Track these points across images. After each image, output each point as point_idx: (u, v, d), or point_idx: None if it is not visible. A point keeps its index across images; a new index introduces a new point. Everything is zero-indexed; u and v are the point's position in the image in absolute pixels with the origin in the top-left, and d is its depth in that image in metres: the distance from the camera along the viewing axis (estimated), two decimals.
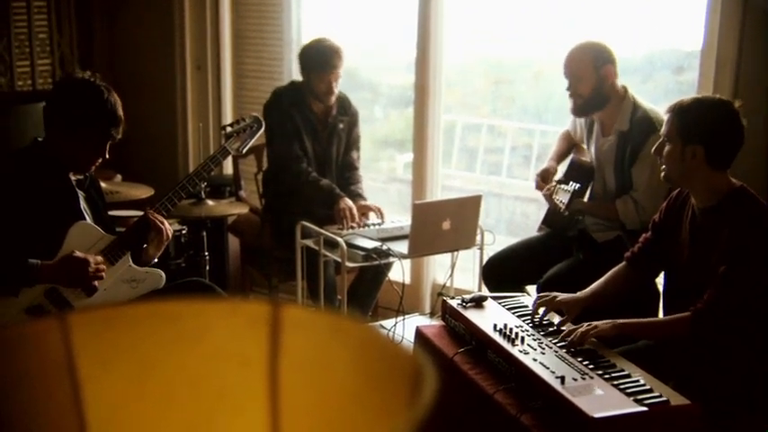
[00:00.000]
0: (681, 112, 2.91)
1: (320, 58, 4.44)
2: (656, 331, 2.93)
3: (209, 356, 0.91)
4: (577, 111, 3.88)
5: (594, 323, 2.87)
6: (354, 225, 4.31)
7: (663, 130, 3.00)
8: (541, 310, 3.09)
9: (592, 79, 3.75)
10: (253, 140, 3.66)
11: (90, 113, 3.06)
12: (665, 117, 3.01)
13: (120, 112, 3.12)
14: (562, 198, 3.70)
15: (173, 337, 0.90)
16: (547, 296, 3.11)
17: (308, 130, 4.57)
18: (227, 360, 0.91)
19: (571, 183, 3.70)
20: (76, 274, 2.97)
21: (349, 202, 4.41)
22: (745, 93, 3.82)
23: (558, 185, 3.78)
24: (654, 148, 3.05)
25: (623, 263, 3.24)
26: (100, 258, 3.04)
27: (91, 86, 3.13)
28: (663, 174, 3.04)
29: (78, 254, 2.97)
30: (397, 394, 0.80)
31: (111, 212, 3.56)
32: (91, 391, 0.88)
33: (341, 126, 4.66)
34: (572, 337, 2.83)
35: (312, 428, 0.90)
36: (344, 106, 4.70)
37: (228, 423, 0.91)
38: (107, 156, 3.14)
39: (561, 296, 3.11)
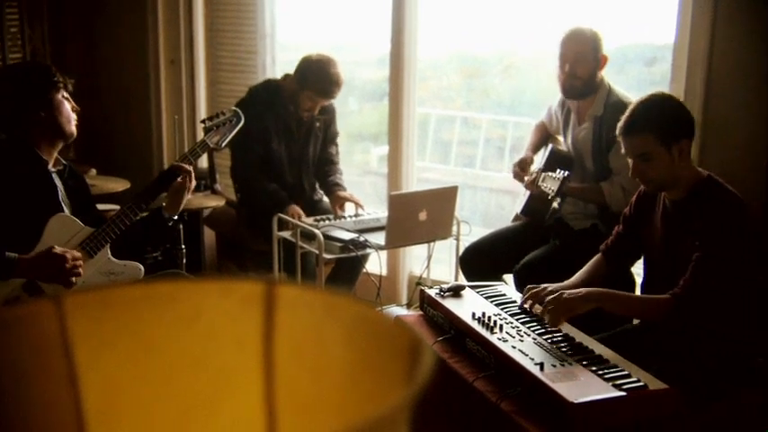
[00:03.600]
0: (651, 123, 2.88)
1: (322, 84, 4.44)
2: (634, 307, 2.96)
3: (204, 337, 0.91)
4: (573, 93, 3.89)
5: (561, 290, 2.91)
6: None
7: (636, 152, 2.93)
8: (528, 304, 3.11)
9: (591, 64, 3.81)
10: (232, 134, 3.64)
11: (44, 83, 3.11)
12: (621, 140, 2.97)
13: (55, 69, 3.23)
14: (551, 185, 3.70)
15: (168, 318, 0.91)
16: (536, 287, 3.14)
17: (282, 130, 4.56)
18: (223, 340, 0.91)
19: (559, 170, 3.71)
20: (54, 269, 2.95)
21: (297, 208, 4.43)
22: (718, 85, 3.86)
23: (544, 173, 3.78)
24: (632, 173, 2.99)
25: (599, 254, 3.29)
26: (77, 254, 3.02)
27: (18, 67, 3.17)
28: (650, 187, 3.02)
29: (57, 249, 2.95)
30: (393, 371, 0.81)
31: None
32: (87, 373, 0.88)
33: (317, 125, 4.66)
34: (546, 303, 2.89)
35: (307, 407, 0.91)
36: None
37: (224, 402, 0.92)
38: (78, 108, 3.23)
39: (550, 287, 3.13)
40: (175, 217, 3.38)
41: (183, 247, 4.37)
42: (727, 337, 2.86)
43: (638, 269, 3.75)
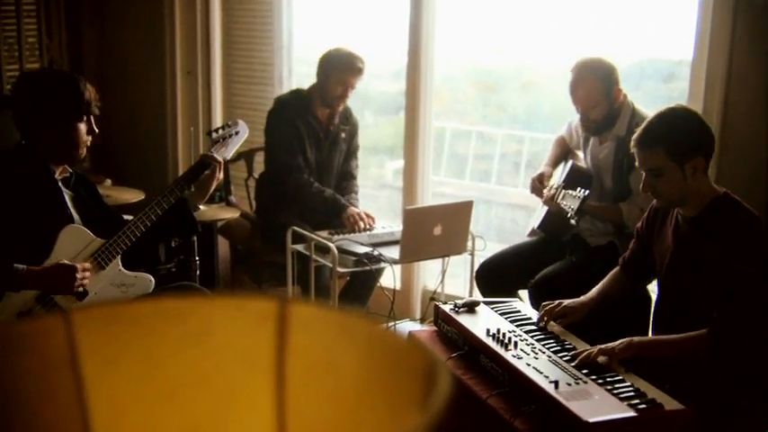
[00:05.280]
0: (662, 137, 2.81)
1: (346, 60, 4.49)
2: (674, 349, 2.79)
3: (214, 354, 0.90)
4: (592, 132, 3.88)
5: (609, 346, 2.75)
6: (368, 227, 4.41)
7: (647, 165, 2.87)
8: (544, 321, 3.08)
9: (604, 105, 3.75)
10: (236, 147, 3.60)
11: (71, 102, 3.05)
12: (634, 151, 2.92)
13: (90, 87, 3.12)
14: (571, 203, 3.64)
15: (178, 335, 0.89)
16: (552, 303, 3.11)
17: (311, 139, 4.58)
18: (234, 358, 0.90)
19: (579, 188, 3.66)
20: (63, 281, 2.92)
21: (354, 209, 4.46)
22: (737, 103, 3.83)
23: (564, 191, 3.73)
24: (642, 187, 2.94)
25: (618, 267, 3.25)
26: (88, 265, 3.00)
27: (55, 76, 3.28)
28: (660, 202, 2.97)
29: (66, 261, 2.94)
30: (407, 393, 0.79)
31: None
32: (95, 390, 0.87)
33: (342, 135, 4.68)
34: (584, 361, 2.74)
35: (319, 427, 0.89)
36: (346, 116, 4.74)
37: (234, 421, 0.90)
38: (97, 130, 3.15)
39: (566, 302, 3.10)
40: (201, 207, 3.40)
41: (197, 258, 4.36)
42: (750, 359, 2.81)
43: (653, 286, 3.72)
